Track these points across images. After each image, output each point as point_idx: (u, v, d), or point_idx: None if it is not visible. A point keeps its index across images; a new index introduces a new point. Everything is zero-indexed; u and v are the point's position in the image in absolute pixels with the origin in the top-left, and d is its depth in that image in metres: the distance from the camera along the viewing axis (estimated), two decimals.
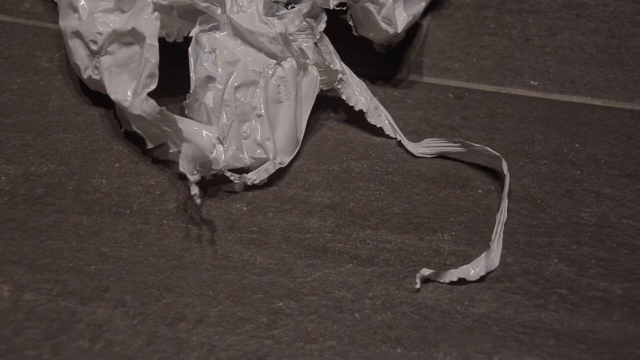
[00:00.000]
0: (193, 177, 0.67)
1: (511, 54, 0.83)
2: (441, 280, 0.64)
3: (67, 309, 0.63)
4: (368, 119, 0.75)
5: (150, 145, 0.74)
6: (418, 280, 0.64)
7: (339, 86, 0.75)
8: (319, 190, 0.71)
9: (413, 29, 0.86)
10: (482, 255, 0.65)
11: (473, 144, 0.72)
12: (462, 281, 0.64)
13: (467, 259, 0.66)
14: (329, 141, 0.76)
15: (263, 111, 0.72)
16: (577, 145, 0.74)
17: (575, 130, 0.76)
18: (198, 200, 0.67)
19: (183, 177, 0.73)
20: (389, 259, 0.66)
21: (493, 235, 0.67)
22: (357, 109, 0.75)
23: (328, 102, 0.79)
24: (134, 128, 0.73)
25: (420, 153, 0.74)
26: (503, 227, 0.67)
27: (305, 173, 0.73)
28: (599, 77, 0.81)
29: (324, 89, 0.76)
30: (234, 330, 0.62)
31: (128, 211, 0.70)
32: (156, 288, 0.65)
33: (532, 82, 0.80)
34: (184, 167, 0.68)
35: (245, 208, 0.70)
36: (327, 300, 0.64)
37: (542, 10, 0.88)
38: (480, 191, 0.71)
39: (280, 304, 0.63)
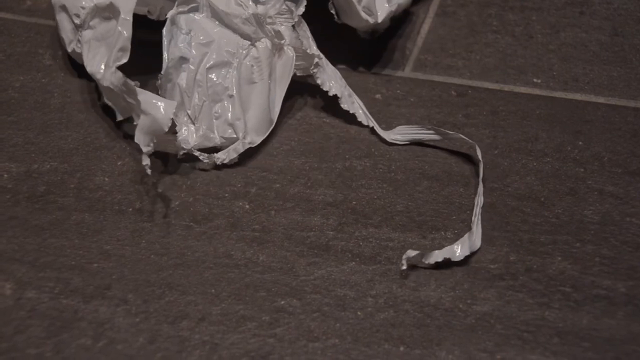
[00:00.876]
0: (146, 149, 0.68)
1: (514, 51, 0.83)
2: (426, 262, 0.65)
3: (70, 307, 0.63)
4: (341, 105, 0.76)
5: (119, 117, 0.75)
6: (404, 262, 0.64)
7: (314, 70, 0.76)
8: (322, 188, 0.71)
9: (415, 25, 0.86)
10: (465, 236, 0.66)
11: (447, 131, 0.73)
12: (446, 263, 0.65)
13: (470, 256, 0.66)
14: (332, 139, 0.75)
15: (235, 92, 0.73)
16: (580, 143, 0.74)
17: (578, 128, 0.76)
18: (149, 171, 0.68)
19: (182, 179, 0.73)
20: (392, 257, 0.66)
21: (473, 218, 0.67)
22: (331, 94, 0.76)
23: (328, 102, 0.79)
24: (105, 100, 0.75)
25: (393, 139, 0.74)
26: (480, 209, 0.68)
27: (307, 171, 0.73)
28: (603, 75, 0.80)
29: (300, 74, 0.77)
30: (237, 328, 0.62)
31: (130, 209, 0.70)
32: (158, 286, 0.65)
33: (535, 80, 0.80)
34: (139, 138, 0.68)
35: (247, 206, 0.70)
36: (329, 299, 0.64)
37: (546, 8, 0.88)
38: (483, 189, 0.71)
39: (282, 302, 0.63)
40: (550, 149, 0.74)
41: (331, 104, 0.78)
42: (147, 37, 0.75)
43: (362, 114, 0.76)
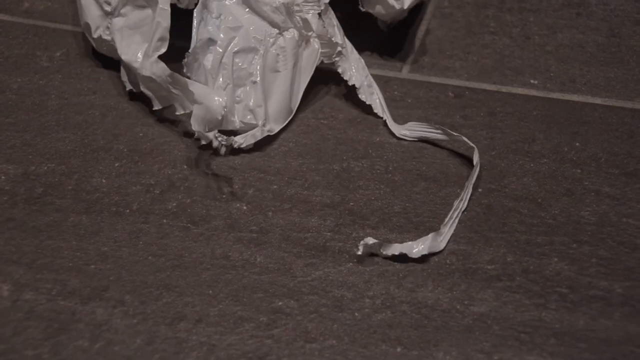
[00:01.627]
0: (211, 134, 0.72)
1: (511, 52, 0.83)
2: (383, 252, 0.65)
3: (67, 309, 0.63)
4: (359, 95, 0.77)
5: (157, 107, 0.76)
6: (361, 247, 0.65)
7: (336, 58, 0.77)
8: (319, 190, 0.71)
9: (412, 26, 0.86)
10: (429, 235, 0.66)
11: (452, 132, 0.73)
12: (403, 258, 0.65)
13: (468, 258, 0.66)
14: (329, 140, 0.76)
15: (258, 78, 0.74)
16: (577, 144, 0.74)
17: (575, 129, 0.76)
18: (223, 150, 0.72)
19: (179, 180, 0.73)
20: (389, 258, 0.66)
21: (446, 219, 0.67)
22: (350, 83, 0.77)
23: (326, 102, 0.79)
24: (142, 89, 0.75)
25: (402, 135, 0.75)
26: (460, 214, 0.68)
27: (305, 172, 0.73)
28: (600, 76, 0.80)
29: (325, 61, 0.78)
30: (234, 329, 0.62)
31: (128, 210, 0.70)
32: (156, 287, 0.65)
33: (532, 81, 0.80)
34: (195, 126, 0.71)
35: (245, 207, 0.70)
36: (327, 300, 0.64)
37: (543, 9, 0.88)
38: (480, 190, 0.71)
39: (280, 303, 0.63)
40: (547, 150, 0.74)
41: (330, 104, 0.78)
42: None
43: (379, 105, 0.77)
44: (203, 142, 0.73)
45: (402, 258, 0.66)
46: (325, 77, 0.79)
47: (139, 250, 0.67)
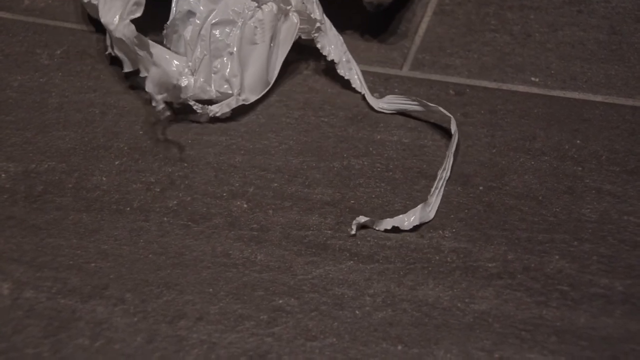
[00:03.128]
0: (159, 97, 0.73)
1: (512, 50, 0.83)
2: (376, 228, 0.67)
3: (67, 307, 0.63)
4: (338, 70, 0.79)
5: (127, 69, 0.79)
6: (354, 227, 0.67)
7: (315, 34, 0.78)
8: (320, 187, 0.71)
9: (412, 24, 0.86)
10: (419, 206, 0.68)
11: (429, 103, 0.75)
12: (395, 229, 0.67)
13: (468, 255, 0.66)
14: (330, 138, 0.75)
15: (235, 49, 0.77)
16: (578, 141, 0.74)
17: (576, 126, 0.76)
18: (167, 113, 0.73)
19: (180, 178, 0.73)
20: (390, 256, 0.66)
21: (432, 190, 0.69)
22: (329, 58, 0.79)
23: (327, 98, 0.79)
24: (116, 51, 0.79)
25: (380, 108, 0.77)
26: (445, 183, 0.70)
27: (305, 170, 0.73)
28: (601, 74, 0.80)
29: (303, 37, 0.79)
30: (234, 327, 0.62)
31: (128, 208, 0.70)
32: (156, 285, 0.65)
33: (533, 79, 0.80)
34: (149, 88, 0.73)
35: (245, 205, 0.70)
36: (327, 298, 0.64)
37: (544, 7, 0.88)
38: (481, 188, 0.71)
39: (280, 301, 0.63)
40: (548, 147, 0.74)
41: (331, 100, 0.78)
42: None
43: (357, 81, 0.79)
44: (153, 105, 0.74)
45: (404, 257, 0.66)
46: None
47: (140, 249, 0.67)
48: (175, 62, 0.75)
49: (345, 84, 0.79)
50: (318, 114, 0.78)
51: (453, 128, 0.73)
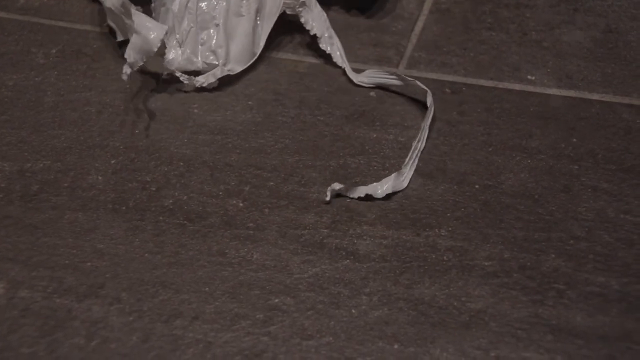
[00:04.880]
0: (131, 63, 0.74)
1: (508, 48, 0.83)
2: (350, 195, 0.69)
3: (63, 306, 0.63)
4: (320, 45, 0.81)
5: (120, 38, 0.82)
6: (329, 193, 0.69)
7: (299, 9, 0.81)
8: (316, 186, 0.71)
9: (409, 22, 0.85)
10: (392, 175, 0.70)
11: (407, 77, 0.77)
12: (368, 197, 0.69)
13: (464, 254, 0.66)
14: (326, 137, 0.75)
15: (221, 21, 0.79)
16: (574, 140, 0.74)
17: (572, 125, 0.76)
18: (125, 77, 0.74)
19: (176, 177, 0.73)
20: (386, 255, 0.66)
21: (407, 160, 0.71)
22: (312, 33, 0.82)
23: (323, 97, 0.79)
24: (109, 21, 0.82)
25: (360, 82, 0.79)
26: (419, 153, 0.72)
27: (301, 169, 0.73)
28: (597, 72, 0.80)
29: (288, 12, 0.81)
30: (230, 326, 0.62)
31: (124, 208, 0.70)
32: (152, 285, 0.64)
33: (529, 77, 0.80)
34: (129, 54, 0.75)
35: (241, 204, 0.70)
36: (323, 297, 0.63)
37: (540, 5, 0.88)
38: (477, 186, 0.71)
39: (276, 300, 0.63)
40: (544, 146, 0.74)
41: (327, 99, 0.78)
42: None
43: (339, 56, 0.81)
44: (127, 66, 0.74)
45: (400, 256, 0.66)
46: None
47: (135, 248, 0.67)
48: (153, 28, 0.75)
49: (343, 82, 0.79)
50: (314, 112, 0.77)
51: (429, 101, 0.75)
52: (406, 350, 0.60)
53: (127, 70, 0.74)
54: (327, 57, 0.81)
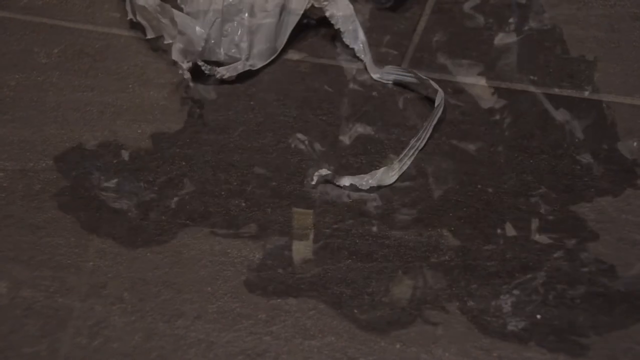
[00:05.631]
0: (185, 65, 0.77)
1: (510, 48, 0.83)
2: (336, 183, 0.70)
3: (65, 306, 0.63)
4: (343, 39, 0.81)
5: (150, 35, 0.83)
6: (315, 178, 0.70)
7: (325, 2, 0.81)
8: (318, 186, 0.71)
9: (411, 23, 0.85)
10: (381, 169, 0.70)
11: (422, 76, 0.77)
12: (353, 189, 0.69)
13: (467, 254, 0.66)
14: (328, 137, 0.75)
15: (246, 15, 0.79)
16: (576, 140, 0.74)
17: (572, 124, 0.75)
18: (187, 75, 0.77)
19: (178, 177, 0.73)
20: (388, 255, 0.66)
21: (401, 156, 0.71)
22: (336, 27, 0.81)
23: (325, 97, 0.79)
24: (138, 18, 0.83)
25: (378, 77, 0.80)
26: (416, 152, 0.72)
27: (304, 169, 0.73)
28: (599, 72, 0.80)
29: (316, 5, 0.81)
30: (233, 326, 0.62)
31: (126, 207, 0.70)
32: (154, 284, 0.64)
33: (531, 77, 0.80)
34: (176, 56, 0.77)
35: (244, 204, 0.70)
36: (326, 296, 0.63)
37: (542, 4, 0.88)
38: (479, 186, 0.71)
39: (279, 300, 0.63)
40: (546, 145, 0.74)
41: (329, 98, 0.78)
42: None
43: (362, 50, 0.81)
44: (180, 72, 0.77)
45: (402, 256, 0.66)
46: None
47: (138, 247, 0.67)
48: (198, 28, 0.77)
49: (345, 82, 0.79)
50: (316, 112, 0.78)
51: (438, 101, 0.75)
52: (408, 350, 0.60)
53: (187, 75, 0.77)
54: (329, 57, 0.81)
